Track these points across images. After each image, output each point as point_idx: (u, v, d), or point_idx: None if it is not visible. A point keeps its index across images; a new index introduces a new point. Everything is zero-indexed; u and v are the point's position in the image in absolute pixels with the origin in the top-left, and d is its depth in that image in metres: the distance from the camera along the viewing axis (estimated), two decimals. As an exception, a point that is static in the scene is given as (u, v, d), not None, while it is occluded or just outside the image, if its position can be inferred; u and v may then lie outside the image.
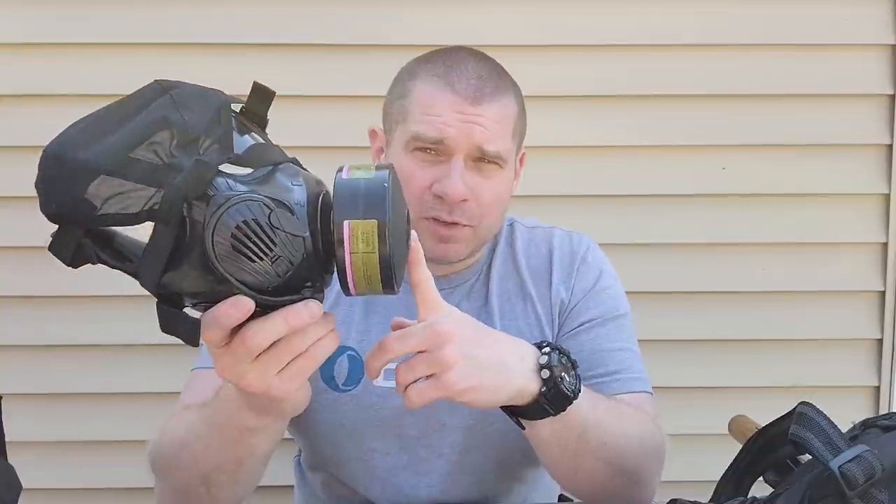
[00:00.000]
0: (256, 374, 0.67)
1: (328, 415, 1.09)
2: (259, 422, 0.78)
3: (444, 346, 0.76)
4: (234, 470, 0.86)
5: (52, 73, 1.69)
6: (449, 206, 1.02)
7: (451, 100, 1.01)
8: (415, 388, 0.77)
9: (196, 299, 0.64)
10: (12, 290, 1.74)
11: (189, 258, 0.61)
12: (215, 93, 0.64)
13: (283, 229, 0.61)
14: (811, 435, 0.74)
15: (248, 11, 1.69)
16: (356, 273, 0.64)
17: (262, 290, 0.62)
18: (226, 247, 0.60)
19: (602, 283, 1.14)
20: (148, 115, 0.61)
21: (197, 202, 0.60)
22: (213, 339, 0.64)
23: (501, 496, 1.16)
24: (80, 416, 1.77)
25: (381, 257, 0.63)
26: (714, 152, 1.77)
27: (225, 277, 0.61)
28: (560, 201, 1.75)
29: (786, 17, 1.74)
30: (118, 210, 0.60)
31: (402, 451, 1.10)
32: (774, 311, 1.80)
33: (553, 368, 0.82)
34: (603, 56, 1.74)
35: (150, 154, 0.60)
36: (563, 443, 0.88)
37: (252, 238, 0.60)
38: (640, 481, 0.97)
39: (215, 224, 0.59)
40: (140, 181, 0.59)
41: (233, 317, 0.62)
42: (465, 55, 1.06)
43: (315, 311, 0.65)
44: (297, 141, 1.70)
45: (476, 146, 1.01)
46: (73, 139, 0.60)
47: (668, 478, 1.04)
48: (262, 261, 0.61)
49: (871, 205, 1.80)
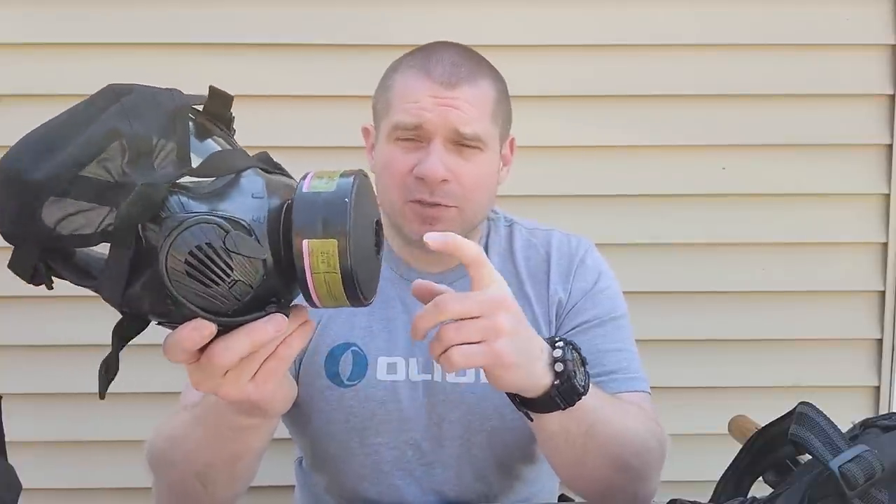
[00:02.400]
0: (230, 386, 0.66)
1: (334, 411, 1.10)
2: (249, 421, 0.78)
3: (501, 314, 0.76)
4: (229, 467, 0.86)
5: (52, 73, 1.69)
6: (430, 188, 1.03)
7: (426, 85, 1.03)
8: (460, 350, 0.75)
9: (158, 318, 0.62)
10: (12, 290, 1.73)
11: (146, 280, 0.59)
12: (171, 95, 0.61)
13: (239, 252, 0.58)
14: (811, 435, 0.74)
15: (248, 11, 1.69)
16: (319, 290, 0.62)
17: (221, 314, 0.60)
18: (180, 273, 0.57)
19: (600, 285, 1.14)
20: (98, 127, 0.58)
21: (151, 224, 0.58)
22: (177, 360, 0.63)
23: (502, 494, 1.16)
24: (80, 416, 1.77)
25: (344, 276, 0.61)
26: (714, 152, 1.77)
27: (182, 303, 0.58)
28: (560, 201, 1.75)
29: (786, 17, 1.74)
30: (72, 231, 0.58)
31: (406, 445, 1.11)
32: (774, 311, 1.80)
33: (567, 363, 0.82)
34: (603, 56, 1.74)
35: (101, 171, 0.57)
36: (570, 437, 0.88)
37: (206, 264, 0.57)
38: (642, 477, 0.98)
39: (168, 249, 0.57)
40: (92, 201, 0.57)
41: (194, 340, 0.61)
42: (442, 45, 1.09)
43: (280, 325, 0.63)
44: (297, 141, 1.71)
45: (453, 129, 1.03)
46: (23, 156, 0.58)
47: (668, 478, 1.04)
48: (219, 286, 0.58)
49: (871, 205, 1.80)
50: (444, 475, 1.12)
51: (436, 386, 1.10)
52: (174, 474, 0.91)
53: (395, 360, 1.11)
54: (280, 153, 0.91)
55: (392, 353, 1.10)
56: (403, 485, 1.12)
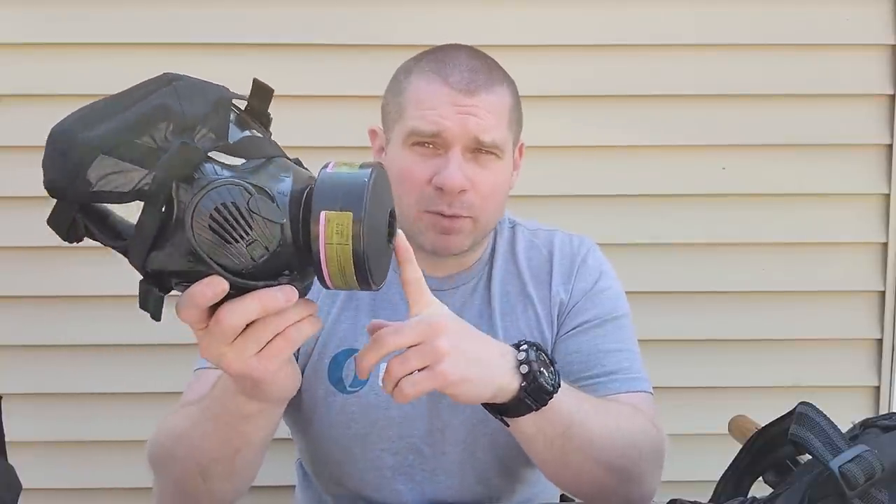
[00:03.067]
0: (234, 355, 0.68)
1: (337, 417, 1.10)
2: (251, 406, 0.79)
3: (438, 337, 0.78)
4: (231, 460, 0.86)
5: (52, 73, 1.69)
6: (449, 199, 1.03)
7: (445, 92, 1.02)
8: (408, 380, 0.78)
9: (178, 279, 0.65)
10: (12, 290, 1.74)
11: (172, 239, 0.63)
12: (218, 88, 0.66)
13: (260, 214, 0.62)
14: (811, 435, 0.74)
15: (248, 11, 1.69)
16: (330, 265, 0.65)
17: (237, 272, 0.64)
18: (204, 227, 0.62)
19: (601, 285, 1.14)
20: (149, 101, 0.63)
21: (184, 184, 0.62)
22: (189, 317, 0.66)
23: (504, 497, 1.16)
24: (80, 416, 1.77)
25: (355, 250, 0.64)
26: (714, 152, 1.77)
27: (202, 258, 0.62)
28: (560, 201, 1.75)
29: (786, 17, 1.74)
30: (112, 189, 0.62)
31: (409, 450, 1.11)
32: (774, 311, 1.80)
33: (531, 363, 0.83)
34: (603, 56, 1.74)
35: (147, 138, 0.62)
36: (548, 439, 0.89)
37: (229, 220, 0.62)
38: (634, 479, 0.97)
39: (196, 205, 0.61)
40: (134, 162, 0.62)
41: (206, 295, 0.64)
42: (457, 50, 1.08)
43: (290, 295, 0.66)
44: (297, 141, 1.70)
45: (472, 137, 1.02)
46: (78, 121, 0.63)
47: (668, 478, 1.04)
48: (238, 243, 0.62)
49: (871, 205, 1.80)
50: (447, 481, 1.12)
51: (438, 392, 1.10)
52: (176, 470, 0.91)
53: None
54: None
55: None
56: (405, 490, 1.12)
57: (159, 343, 1.68)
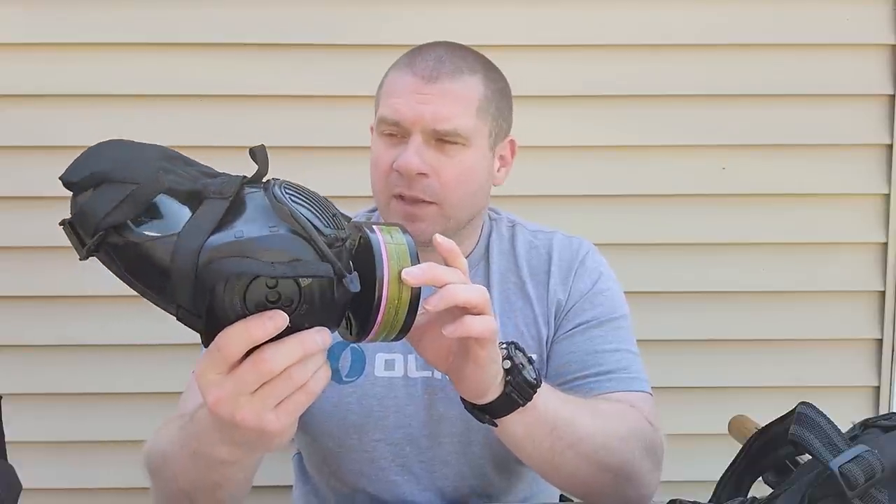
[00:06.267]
0: (252, 408, 0.63)
1: (333, 408, 1.10)
2: (231, 456, 0.73)
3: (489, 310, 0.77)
4: (212, 492, 0.84)
5: (52, 73, 1.69)
6: (407, 181, 1.04)
7: (409, 81, 1.05)
8: (474, 317, 0.75)
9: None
10: (12, 290, 1.74)
11: None
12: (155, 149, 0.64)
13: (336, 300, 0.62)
14: (811, 435, 0.74)
15: (248, 11, 1.69)
16: (388, 313, 0.67)
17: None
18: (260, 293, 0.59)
19: (599, 286, 1.14)
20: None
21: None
22: (230, 354, 0.61)
23: (502, 493, 1.16)
24: (80, 416, 1.77)
25: (413, 295, 0.67)
26: (714, 152, 1.77)
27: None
28: (560, 201, 1.75)
29: (786, 17, 1.74)
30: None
31: (405, 441, 1.11)
32: (774, 311, 1.80)
33: (513, 359, 0.83)
34: (602, 56, 1.74)
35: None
36: (536, 440, 0.89)
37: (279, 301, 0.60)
38: (629, 478, 0.97)
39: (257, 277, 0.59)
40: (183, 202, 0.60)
41: (267, 329, 0.60)
42: (435, 43, 1.10)
43: (327, 339, 0.63)
44: (298, 141, 1.71)
45: (427, 123, 1.04)
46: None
47: (668, 478, 1.04)
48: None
49: (871, 205, 1.80)
50: (443, 472, 1.12)
51: (435, 383, 1.10)
52: (166, 489, 0.91)
53: (394, 356, 1.11)
54: (280, 153, 0.91)
55: (391, 349, 1.11)
56: (402, 481, 1.12)
57: (159, 343, 1.68)
